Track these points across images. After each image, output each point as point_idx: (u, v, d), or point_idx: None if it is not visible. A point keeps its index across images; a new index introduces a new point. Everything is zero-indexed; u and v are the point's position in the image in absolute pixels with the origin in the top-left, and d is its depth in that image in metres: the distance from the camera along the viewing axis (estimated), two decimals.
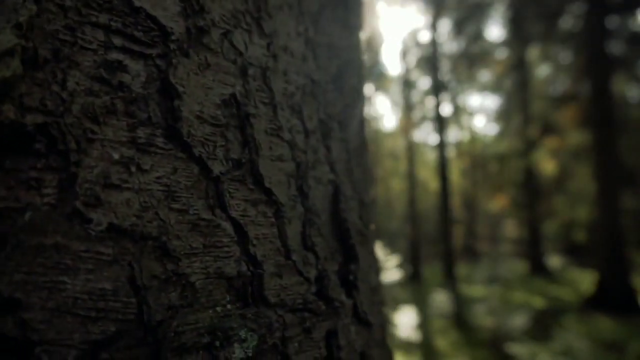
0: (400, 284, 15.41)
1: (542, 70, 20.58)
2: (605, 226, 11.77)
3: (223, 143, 0.46)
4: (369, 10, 17.47)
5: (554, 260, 19.59)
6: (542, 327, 9.25)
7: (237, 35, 0.50)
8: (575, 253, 19.74)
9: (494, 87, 22.13)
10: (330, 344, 0.56)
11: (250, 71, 0.51)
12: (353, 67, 0.84)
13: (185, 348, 0.38)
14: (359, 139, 0.85)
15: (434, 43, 16.25)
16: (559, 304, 12.26)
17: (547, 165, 19.93)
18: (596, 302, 11.45)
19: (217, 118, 0.46)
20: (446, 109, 27.07)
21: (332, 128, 0.70)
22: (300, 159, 0.58)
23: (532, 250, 18.64)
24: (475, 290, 14.37)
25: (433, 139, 21.07)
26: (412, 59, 20.11)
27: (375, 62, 23.29)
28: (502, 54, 19.47)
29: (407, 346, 8.67)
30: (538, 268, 18.16)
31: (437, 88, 15.99)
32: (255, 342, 0.42)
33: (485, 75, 22.84)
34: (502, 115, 21.89)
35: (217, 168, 0.45)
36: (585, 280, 14.87)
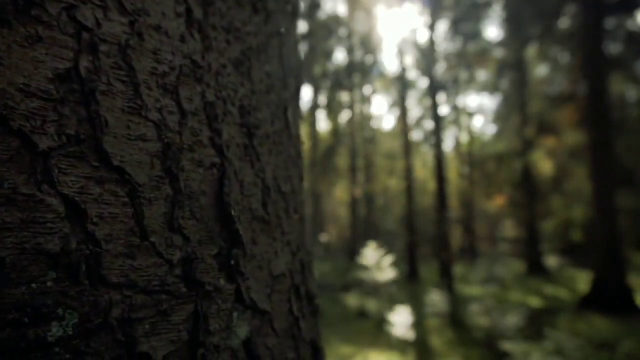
0: (397, 283, 15.40)
1: (540, 70, 20.54)
2: (602, 225, 11.74)
3: (55, 118, 0.45)
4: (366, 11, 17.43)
5: (552, 260, 19.57)
6: (537, 326, 9.24)
7: (84, 10, 0.49)
8: (573, 253, 19.72)
9: (492, 87, 22.11)
10: (196, 328, 0.55)
11: (103, 47, 0.50)
12: (267, 53, 0.83)
13: None
14: (275, 126, 0.83)
15: (431, 43, 16.24)
16: (555, 304, 12.24)
17: (544, 165, 19.89)
18: (591, 302, 11.43)
19: (48, 92, 0.45)
20: (444, 109, 27.06)
21: (226, 112, 0.69)
22: (171, 139, 0.57)
23: (529, 250, 18.62)
24: (471, 289, 14.36)
25: (431, 138, 20.99)
26: (410, 58, 20.10)
27: (374, 62, 23.30)
28: (499, 54, 19.45)
29: (402, 345, 8.67)
30: (535, 268, 18.14)
31: (435, 88, 15.97)
32: (76, 320, 0.41)
33: (483, 75, 22.82)
34: (500, 115, 21.86)
35: (44, 143, 0.44)
36: (583, 280, 14.85)
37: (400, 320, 9.28)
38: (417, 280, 16.81)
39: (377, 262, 12.76)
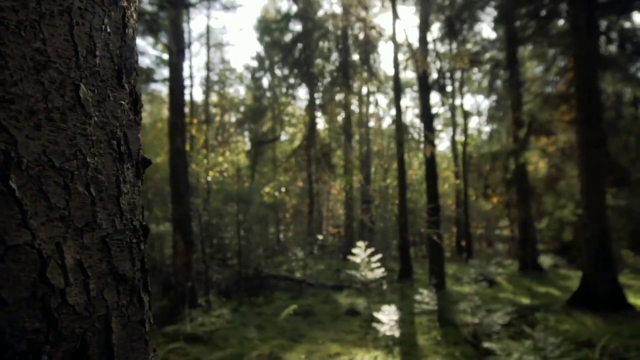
0: (390, 282, 15.42)
1: (534, 70, 20.52)
2: (592, 224, 11.72)
3: None
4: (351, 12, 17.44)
5: (546, 259, 19.54)
6: (523, 324, 9.25)
7: None
8: (568, 252, 19.68)
9: (485, 88, 22.09)
10: None
11: None
12: (40, 31, 0.87)
13: None
14: (53, 103, 0.86)
15: (424, 42, 16.25)
16: (545, 302, 12.22)
17: (539, 164, 19.88)
18: (581, 300, 11.41)
19: None
20: (440, 109, 27.05)
21: None
22: None
23: (523, 249, 18.60)
24: (463, 288, 14.36)
25: (426, 137, 20.97)
26: (404, 58, 20.11)
27: (370, 62, 23.33)
28: (492, 54, 19.45)
29: (388, 343, 8.71)
30: (529, 267, 18.12)
31: (428, 88, 15.97)
32: None
33: (478, 75, 22.82)
34: (494, 116, 21.85)
35: None
36: (576, 279, 14.82)
37: (387, 318, 9.30)
38: (411, 279, 16.83)
39: (367, 261, 12.78)
